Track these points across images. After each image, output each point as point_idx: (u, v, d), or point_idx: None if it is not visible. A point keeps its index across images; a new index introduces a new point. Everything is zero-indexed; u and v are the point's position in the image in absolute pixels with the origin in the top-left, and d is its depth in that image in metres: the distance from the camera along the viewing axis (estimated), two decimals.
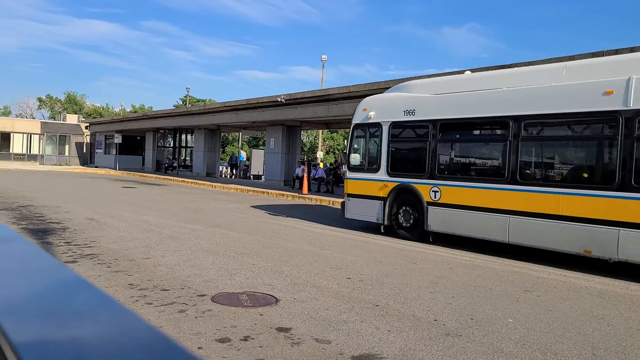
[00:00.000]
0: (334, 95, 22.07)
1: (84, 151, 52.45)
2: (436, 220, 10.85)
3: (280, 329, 4.97)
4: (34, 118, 71.69)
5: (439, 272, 8.10)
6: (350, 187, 12.80)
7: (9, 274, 0.62)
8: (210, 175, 35.95)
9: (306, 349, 4.49)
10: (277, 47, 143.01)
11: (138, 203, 17.01)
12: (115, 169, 41.45)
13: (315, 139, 74.08)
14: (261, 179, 35.91)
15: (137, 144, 47.33)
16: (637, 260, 7.97)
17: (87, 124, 52.34)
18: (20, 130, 49.69)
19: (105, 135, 48.28)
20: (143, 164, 45.72)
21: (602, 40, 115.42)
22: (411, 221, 11.41)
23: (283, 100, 23.78)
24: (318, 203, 20.08)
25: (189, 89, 57.37)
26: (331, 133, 77.45)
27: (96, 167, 46.33)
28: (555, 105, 9.00)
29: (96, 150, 50.67)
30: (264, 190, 24.16)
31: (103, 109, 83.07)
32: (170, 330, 4.74)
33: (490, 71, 12.71)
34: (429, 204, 10.92)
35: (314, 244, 10.24)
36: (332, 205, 19.09)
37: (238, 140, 53.39)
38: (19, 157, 48.69)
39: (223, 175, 38.82)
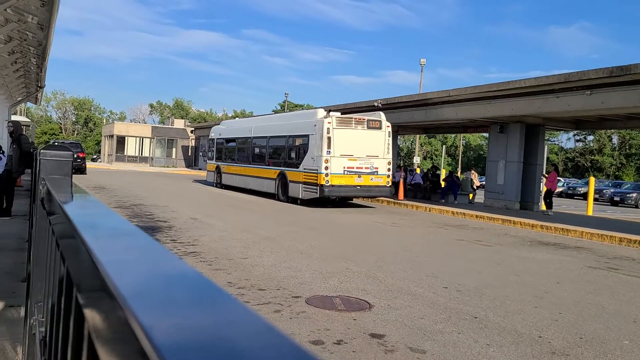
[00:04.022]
0: (432, 100, 21.67)
1: (189, 154, 55.52)
2: (225, 179, 25.07)
3: (373, 335, 4.95)
4: (145, 123, 77.04)
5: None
6: (207, 167, 27.88)
7: (133, 263, 0.68)
8: None
9: (400, 357, 4.44)
10: (373, 51, 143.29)
11: (237, 205, 17.71)
12: None
13: (412, 144, 73.14)
14: None
15: None
16: (256, 189, 21.68)
17: (192, 129, 55.37)
18: (134, 134, 53.68)
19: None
20: None
21: None
22: (220, 181, 25.60)
23: (380, 104, 23.67)
24: (413, 209, 19.69)
25: (287, 94, 58.82)
26: (429, 138, 76.15)
27: (199, 169, 48.79)
28: (242, 133, 23.85)
29: (200, 154, 53.37)
30: None
31: (207, 114, 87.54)
32: None
33: (248, 118, 31.35)
34: (223, 172, 25.27)
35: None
36: (428, 212, 18.69)
37: None
38: (132, 159, 52.54)
39: None
